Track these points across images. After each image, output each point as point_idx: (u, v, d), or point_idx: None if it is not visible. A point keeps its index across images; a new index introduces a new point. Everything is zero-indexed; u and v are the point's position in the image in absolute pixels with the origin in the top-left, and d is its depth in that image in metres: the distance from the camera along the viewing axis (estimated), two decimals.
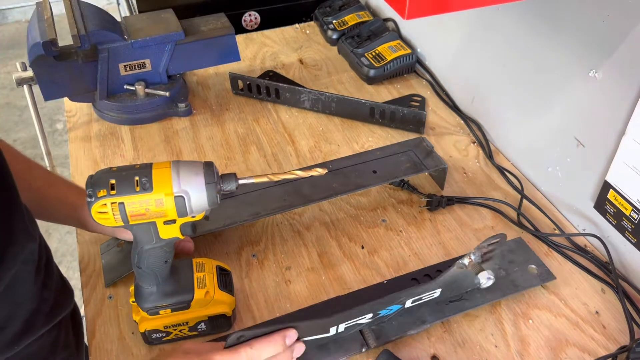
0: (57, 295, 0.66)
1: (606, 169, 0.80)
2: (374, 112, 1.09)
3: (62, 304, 0.68)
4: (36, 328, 0.62)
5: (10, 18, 3.58)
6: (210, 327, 0.74)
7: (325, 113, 1.14)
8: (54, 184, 0.78)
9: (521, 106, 0.97)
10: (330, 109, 1.13)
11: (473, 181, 0.99)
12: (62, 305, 0.68)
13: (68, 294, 0.71)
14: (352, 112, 1.11)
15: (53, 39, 0.98)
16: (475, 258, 0.73)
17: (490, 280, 0.74)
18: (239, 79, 1.18)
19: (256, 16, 1.48)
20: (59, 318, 0.67)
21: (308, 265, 0.85)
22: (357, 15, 1.37)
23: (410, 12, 0.51)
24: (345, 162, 0.93)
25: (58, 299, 0.66)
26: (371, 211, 0.93)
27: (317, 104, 1.13)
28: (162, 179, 0.61)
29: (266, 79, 1.18)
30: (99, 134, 1.09)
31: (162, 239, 0.65)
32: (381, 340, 0.73)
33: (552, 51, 0.86)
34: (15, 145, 2.59)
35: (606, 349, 0.74)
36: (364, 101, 1.09)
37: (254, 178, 0.66)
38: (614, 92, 0.76)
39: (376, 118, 1.09)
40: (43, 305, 0.63)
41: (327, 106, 1.12)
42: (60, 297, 0.67)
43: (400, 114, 1.07)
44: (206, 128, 1.11)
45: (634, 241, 0.78)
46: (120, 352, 0.74)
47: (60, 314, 0.67)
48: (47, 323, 0.64)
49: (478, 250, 0.72)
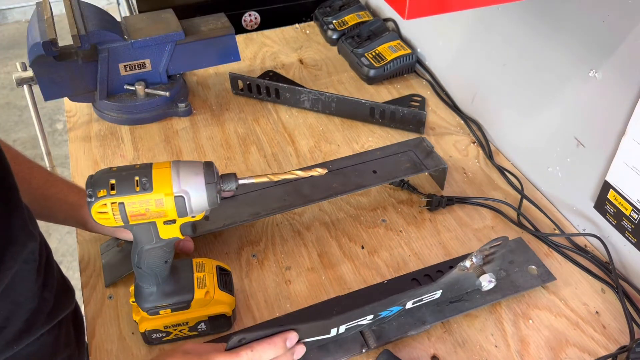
0: (58, 295, 0.66)
1: (606, 169, 0.80)
2: (374, 112, 1.09)
3: (63, 303, 0.68)
4: (36, 328, 0.62)
5: (10, 18, 3.58)
6: (210, 327, 0.74)
7: (325, 113, 1.13)
8: (54, 184, 0.78)
9: (521, 106, 0.97)
10: (330, 109, 1.13)
11: (473, 181, 0.99)
12: (63, 305, 0.67)
13: (69, 293, 0.71)
14: (352, 112, 1.11)
15: (53, 39, 0.98)
16: (477, 261, 0.73)
17: (492, 283, 0.74)
18: (239, 79, 1.18)
19: (256, 16, 1.48)
20: (59, 317, 0.66)
21: (308, 265, 0.85)
22: (357, 15, 1.37)
23: (410, 12, 0.51)
24: (345, 162, 0.93)
25: (59, 298, 0.66)
26: (371, 211, 0.93)
27: (317, 104, 1.13)
28: (162, 179, 0.61)
29: (266, 79, 1.18)
30: (99, 134, 1.09)
31: (162, 239, 0.65)
32: (381, 341, 0.73)
33: (552, 51, 0.86)
34: (15, 145, 2.59)
35: (606, 349, 0.74)
36: (364, 101, 1.09)
37: (254, 178, 0.66)
38: (614, 92, 0.76)
39: (376, 118, 1.09)
40: (44, 305, 0.63)
41: (327, 106, 1.12)
42: (61, 296, 0.67)
43: (400, 114, 1.07)
44: (206, 128, 1.11)
45: (634, 241, 0.78)
46: (120, 352, 0.74)
47: (61, 314, 0.67)
48: (48, 322, 0.64)
49: (480, 253, 0.72)
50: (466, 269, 0.73)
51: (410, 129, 1.09)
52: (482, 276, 0.74)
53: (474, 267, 0.73)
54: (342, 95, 1.11)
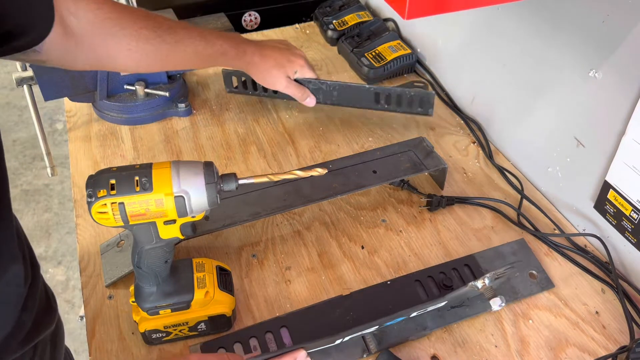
0: (38, 317, 0.60)
1: (606, 169, 0.80)
2: (379, 97, 1.04)
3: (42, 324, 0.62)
4: (6, 355, 0.57)
5: None
6: (210, 327, 0.74)
7: (327, 104, 1.07)
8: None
9: (521, 106, 0.97)
10: (332, 99, 1.06)
11: (473, 181, 0.99)
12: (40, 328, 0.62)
13: (51, 313, 0.65)
14: (356, 99, 1.06)
15: None
16: (489, 282, 0.73)
17: (502, 305, 0.74)
18: (232, 75, 1.16)
19: (256, 16, 1.48)
20: (34, 342, 0.61)
21: (308, 265, 0.85)
22: (357, 15, 1.37)
23: (410, 12, 0.51)
24: (345, 162, 0.93)
25: (38, 321, 0.61)
26: (371, 211, 0.93)
27: (317, 95, 1.05)
28: (162, 179, 0.61)
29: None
30: (99, 134, 1.09)
31: (162, 239, 0.65)
32: (382, 346, 0.73)
33: (552, 51, 0.86)
34: (15, 145, 2.59)
35: (606, 349, 0.74)
36: (368, 86, 1.04)
37: (254, 178, 0.66)
38: (614, 92, 0.76)
39: (381, 103, 1.04)
40: (18, 331, 0.58)
41: (328, 96, 1.06)
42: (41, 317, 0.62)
43: (408, 97, 1.03)
44: (206, 128, 1.11)
45: (634, 241, 0.78)
46: (120, 352, 0.74)
47: (37, 338, 0.61)
48: (20, 349, 0.59)
49: (493, 275, 0.73)
50: (477, 289, 0.73)
51: (418, 112, 1.04)
52: (493, 300, 0.74)
53: (485, 289, 0.73)
54: (344, 82, 1.05)
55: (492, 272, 0.72)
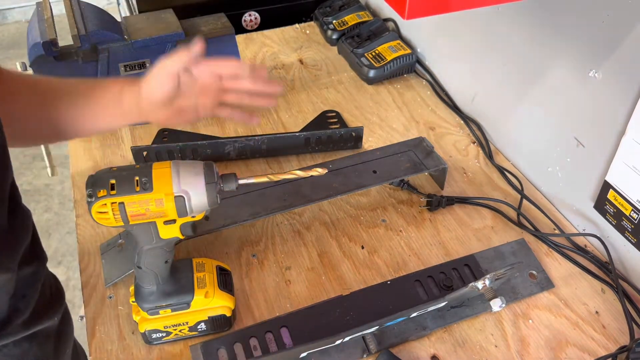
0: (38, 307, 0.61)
1: (606, 169, 0.80)
2: (310, 141, 1.02)
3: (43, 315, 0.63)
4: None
5: (10, 18, 3.58)
6: (210, 327, 0.74)
7: (255, 158, 1.02)
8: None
9: (521, 106, 0.97)
10: (261, 152, 1.02)
11: (473, 181, 0.99)
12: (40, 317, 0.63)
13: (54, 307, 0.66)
14: (286, 148, 1.02)
15: (53, 39, 0.98)
16: (489, 283, 0.73)
17: (502, 306, 0.74)
18: (144, 151, 0.98)
19: (256, 16, 1.48)
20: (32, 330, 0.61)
21: (308, 265, 0.85)
22: (357, 15, 1.37)
23: (410, 12, 0.51)
24: (345, 162, 0.93)
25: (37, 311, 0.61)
26: (371, 211, 0.93)
27: (245, 151, 1.01)
28: (162, 179, 0.61)
29: (164, 141, 1.01)
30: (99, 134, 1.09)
31: (162, 239, 0.65)
32: (382, 346, 0.73)
33: (552, 51, 0.86)
34: None
35: (606, 349, 0.74)
36: (298, 133, 1.01)
37: (254, 178, 0.66)
38: (614, 92, 0.76)
39: (312, 146, 1.02)
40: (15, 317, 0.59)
41: (257, 150, 1.01)
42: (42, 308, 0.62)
43: (338, 136, 1.02)
44: (206, 128, 1.11)
45: (634, 241, 0.78)
46: (120, 352, 0.74)
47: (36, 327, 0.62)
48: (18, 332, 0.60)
49: (493, 276, 0.73)
50: (478, 290, 0.73)
51: (349, 147, 1.04)
52: (494, 300, 0.73)
53: (485, 289, 0.73)
54: (272, 135, 1.01)
55: (493, 273, 0.72)
